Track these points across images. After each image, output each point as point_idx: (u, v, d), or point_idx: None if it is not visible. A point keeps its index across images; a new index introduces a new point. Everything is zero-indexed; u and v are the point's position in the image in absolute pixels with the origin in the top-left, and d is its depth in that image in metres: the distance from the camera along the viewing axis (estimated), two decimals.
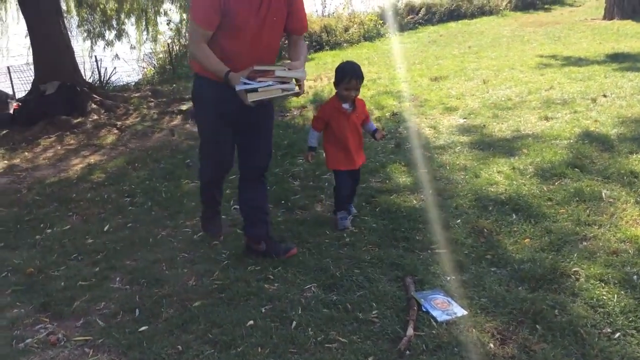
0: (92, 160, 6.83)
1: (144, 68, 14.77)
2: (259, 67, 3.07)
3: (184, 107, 9.33)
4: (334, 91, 3.83)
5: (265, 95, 2.98)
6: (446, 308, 2.89)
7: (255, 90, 2.96)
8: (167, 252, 3.91)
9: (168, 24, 14.21)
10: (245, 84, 2.97)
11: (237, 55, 3.13)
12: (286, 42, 3.51)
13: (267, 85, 2.97)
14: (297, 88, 3.07)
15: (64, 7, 11.40)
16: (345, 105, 3.81)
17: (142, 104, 10.18)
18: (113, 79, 13.23)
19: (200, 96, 3.39)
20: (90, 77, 12.62)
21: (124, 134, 8.26)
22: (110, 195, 5.32)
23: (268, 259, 3.54)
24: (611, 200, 3.94)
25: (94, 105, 9.87)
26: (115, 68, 13.27)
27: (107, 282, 3.59)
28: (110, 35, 13.07)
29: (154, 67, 14.61)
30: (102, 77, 12.87)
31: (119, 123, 8.91)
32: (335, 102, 3.84)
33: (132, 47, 13.96)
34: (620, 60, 9.01)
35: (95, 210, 4.98)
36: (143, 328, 2.99)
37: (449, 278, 3.18)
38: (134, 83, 13.46)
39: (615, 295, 2.86)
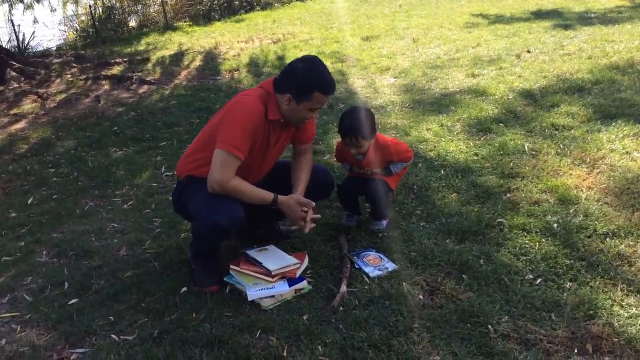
0: (13, 131, 6.52)
1: (65, 32, 14.05)
2: (250, 252, 2.92)
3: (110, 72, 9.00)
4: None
5: (280, 298, 2.74)
6: (378, 264, 2.95)
7: (271, 296, 2.74)
8: (95, 223, 3.80)
9: None
10: (258, 290, 2.73)
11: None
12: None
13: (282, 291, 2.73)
14: (306, 283, 2.80)
15: None
16: (354, 151, 3.22)
17: (65, 70, 9.73)
18: (32, 44, 12.55)
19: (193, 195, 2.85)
20: (7, 43, 11.91)
21: (47, 102, 7.90)
22: (34, 167, 5.11)
23: None
24: (533, 152, 4.10)
25: (13, 73, 9.37)
26: (34, 33, 12.56)
27: (34, 256, 3.46)
28: None
29: (76, 31, 13.92)
30: (21, 42, 12.17)
31: (40, 91, 8.50)
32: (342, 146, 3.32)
33: (53, 10, 13.22)
34: (544, 16, 9.28)
35: (17, 182, 4.78)
36: (73, 301, 2.91)
37: (380, 235, 3.24)
38: (55, 48, 12.80)
39: (537, 244, 3.00)
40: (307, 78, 2.71)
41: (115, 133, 5.87)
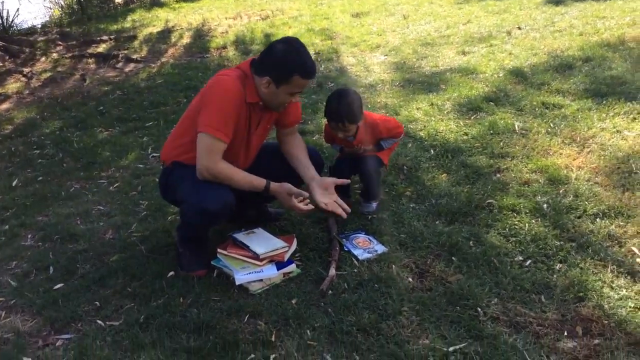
0: None
1: (50, 9, 13.76)
2: (238, 235, 2.87)
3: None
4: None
5: (269, 282, 2.71)
6: (367, 246, 2.93)
7: (260, 280, 2.70)
8: (81, 206, 3.74)
9: None
10: (246, 274, 2.69)
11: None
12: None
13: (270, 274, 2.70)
14: (295, 266, 2.77)
15: None
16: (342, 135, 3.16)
17: (50, 48, 9.52)
18: (17, 21, 12.28)
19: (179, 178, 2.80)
20: None
21: (32, 81, 7.75)
22: (18, 148, 5.02)
23: None
24: (524, 131, 4.06)
25: None
26: (18, 10, 12.29)
27: (18, 240, 3.41)
28: None
29: (61, 8, 13.64)
30: (5, 20, 11.91)
31: (25, 70, 8.33)
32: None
33: None
34: None
35: (2, 164, 4.71)
36: (58, 286, 2.87)
37: (370, 217, 3.21)
38: (40, 26, 12.54)
39: (527, 224, 2.98)
40: (286, 61, 2.61)
41: (101, 113, 5.78)
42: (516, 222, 3.02)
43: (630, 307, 2.37)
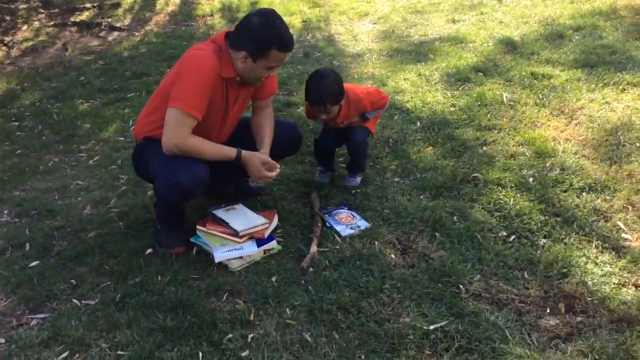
0: None
1: None
2: (217, 211, 2.78)
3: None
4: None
5: (249, 260, 2.64)
6: (350, 222, 2.87)
7: (239, 257, 2.63)
8: (59, 180, 3.66)
9: None
10: (225, 251, 2.63)
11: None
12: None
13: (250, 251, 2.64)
14: (275, 243, 2.71)
15: None
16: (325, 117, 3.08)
17: (32, 17, 9.28)
18: None
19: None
20: None
21: (13, 50, 7.56)
22: None
23: None
24: (512, 103, 3.99)
25: None
26: None
27: None
28: None
29: None
30: None
31: (6, 38, 8.12)
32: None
33: None
34: None
35: None
36: (34, 263, 2.81)
37: (353, 192, 3.15)
38: None
39: (512, 199, 2.93)
40: (263, 34, 2.49)
41: (82, 83, 5.64)
42: (501, 197, 2.97)
43: (614, 283, 2.35)
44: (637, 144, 3.31)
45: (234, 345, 2.14)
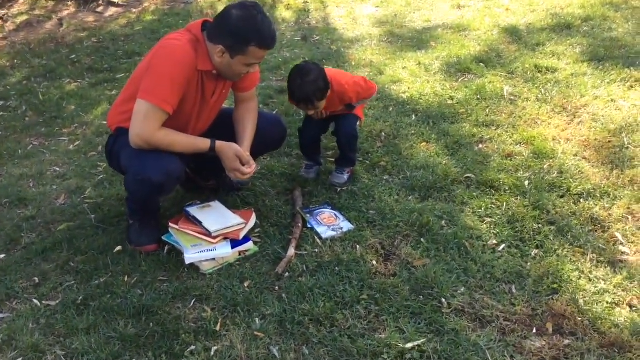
0: None
1: None
2: (191, 209, 2.61)
3: None
4: None
5: (222, 261, 2.49)
6: (332, 223, 2.72)
7: (212, 259, 2.47)
8: (36, 166, 3.52)
9: None
10: (197, 252, 2.47)
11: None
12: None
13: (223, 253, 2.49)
14: (252, 244, 2.57)
15: None
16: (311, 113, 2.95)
17: None
18: None
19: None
20: None
21: (7, 24, 7.38)
22: None
23: None
24: (512, 97, 3.80)
25: None
26: None
27: None
28: None
29: None
30: None
31: (2, 12, 7.94)
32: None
33: None
34: None
35: None
36: None
37: (339, 190, 2.99)
38: None
39: (505, 203, 2.77)
40: (242, 29, 2.30)
41: (72, 62, 5.47)
42: (494, 201, 2.80)
43: (607, 302, 2.19)
44: None
45: (195, 358, 2.00)
